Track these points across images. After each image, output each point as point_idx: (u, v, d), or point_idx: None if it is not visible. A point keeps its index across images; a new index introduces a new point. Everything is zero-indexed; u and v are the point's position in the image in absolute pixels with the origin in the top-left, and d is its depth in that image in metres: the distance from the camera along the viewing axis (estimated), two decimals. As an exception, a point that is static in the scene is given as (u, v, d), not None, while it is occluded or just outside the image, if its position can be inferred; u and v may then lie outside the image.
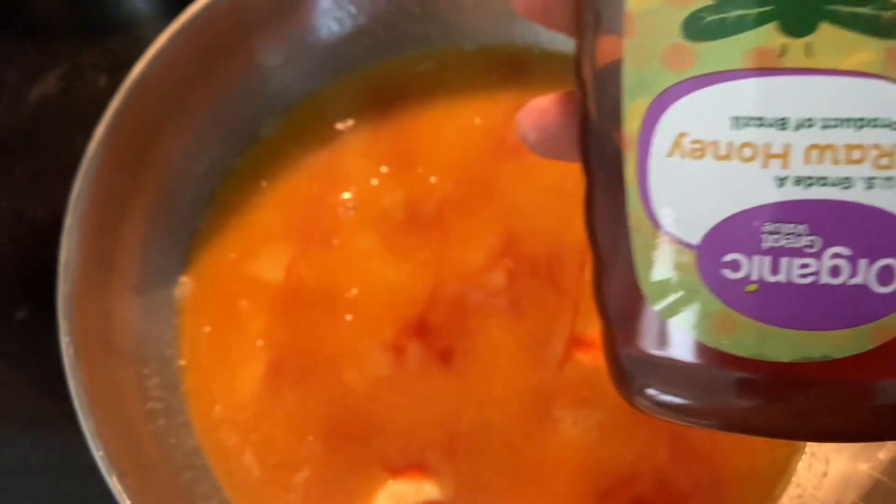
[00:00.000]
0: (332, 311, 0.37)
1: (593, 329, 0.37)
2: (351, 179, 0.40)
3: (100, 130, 0.34)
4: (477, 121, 0.42)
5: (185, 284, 0.38)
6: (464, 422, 0.36)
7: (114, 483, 0.29)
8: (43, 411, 0.39)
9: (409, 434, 0.35)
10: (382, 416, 0.36)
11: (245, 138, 0.41)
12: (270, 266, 0.38)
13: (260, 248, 0.39)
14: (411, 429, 0.35)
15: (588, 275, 0.37)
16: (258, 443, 0.35)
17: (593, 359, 0.36)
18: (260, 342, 0.37)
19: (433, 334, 0.37)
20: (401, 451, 0.35)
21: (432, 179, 0.40)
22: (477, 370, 0.37)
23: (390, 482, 0.35)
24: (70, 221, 0.33)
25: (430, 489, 0.35)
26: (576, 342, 0.37)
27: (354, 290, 0.38)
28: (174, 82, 0.37)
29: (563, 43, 0.43)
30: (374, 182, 0.40)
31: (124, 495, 0.29)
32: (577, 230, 0.38)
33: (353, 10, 0.41)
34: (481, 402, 0.36)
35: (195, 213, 0.39)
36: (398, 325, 0.37)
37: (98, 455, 0.29)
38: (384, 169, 0.40)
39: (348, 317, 0.37)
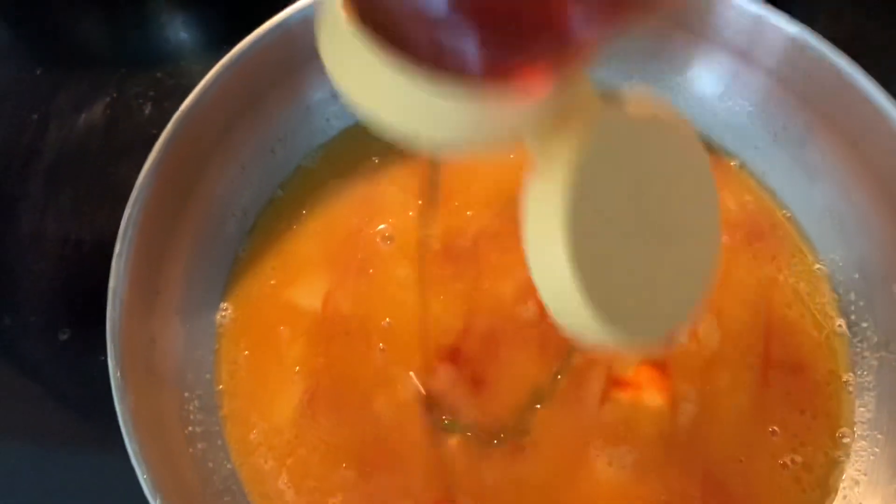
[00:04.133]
0: (366, 340, 0.38)
1: (630, 370, 0.37)
2: (388, 211, 0.41)
3: (150, 160, 0.35)
4: (512, 157, 0.42)
5: (226, 311, 0.39)
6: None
7: (157, 505, 0.29)
8: (83, 432, 0.40)
9: (439, 468, 0.36)
10: (412, 448, 0.36)
11: (287, 170, 0.42)
12: (308, 294, 0.39)
13: (298, 276, 0.40)
14: (442, 466, 0.36)
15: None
16: (293, 467, 0.36)
17: (631, 397, 0.37)
18: (297, 368, 0.37)
19: (465, 365, 0.38)
20: (430, 485, 0.35)
21: (468, 213, 0.41)
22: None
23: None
24: (119, 248, 0.34)
25: (460, 524, 0.35)
26: (614, 382, 0.37)
27: (388, 320, 0.38)
28: (221, 115, 0.38)
29: (595, 82, 0.44)
30: (411, 214, 0.41)
31: (168, 518, 0.29)
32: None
33: (394, 47, 0.42)
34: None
35: (237, 241, 0.40)
36: (430, 356, 0.38)
37: (142, 478, 0.30)
38: (421, 202, 0.41)
39: (381, 345, 0.38)
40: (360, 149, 0.42)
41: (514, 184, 0.40)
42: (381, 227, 0.40)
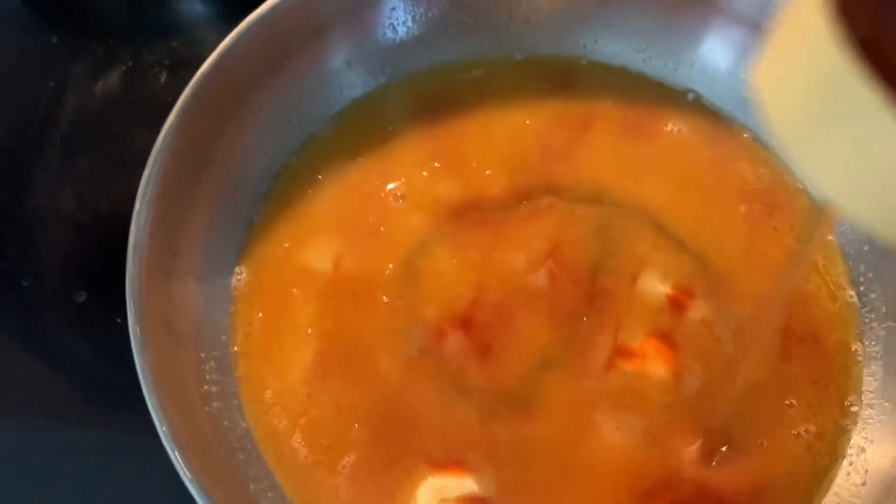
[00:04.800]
0: (371, 295, 0.38)
1: (636, 341, 0.38)
2: (401, 174, 0.41)
3: (168, 123, 0.35)
4: (528, 122, 0.43)
5: (241, 274, 0.39)
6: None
7: (175, 458, 0.30)
8: (96, 393, 0.41)
9: (450, 428, 0.36)
10: (423, 409, 0.36)
11: (302, 138, 0.42)
12: (320, 256, 0.39)
13: (311, 239, 0.40)
14: (451, 426, 0.36)
15: (639, 286, 0.38)
16: (306, 427, 0.36)
17: (636, 367, 0.37)
18: (309, 330, 0.38)
19: (475, 332, 0.38)
20: (442, 447, 0.36)
21: (487, 172, 0.41)
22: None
23: (432, 477, 0.35)
24: (139, 206, 0.34)
25: (471, 484, 0.35)
26: (619, 352, 0.37)
27: (391, 266, 0.39)
28: (238, 82, 0.38)
29: (609, 55, 0.44)
30: (425, 174, 0.41)
31: (186, 470, 0.30)
32: (628, 239, 0.39)
33: (409, 18, 0.42)
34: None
35: (252, 206, 0.40)
36: (440, 313, 0.38)
37: (161, 430, 0.30)
38: (436, 164, 0.41)
39: (385, 298, 0.38)
40: (376, 116, 0.43)
41: (530, 148, 0.42)
42: (393, 186, 0.41)
